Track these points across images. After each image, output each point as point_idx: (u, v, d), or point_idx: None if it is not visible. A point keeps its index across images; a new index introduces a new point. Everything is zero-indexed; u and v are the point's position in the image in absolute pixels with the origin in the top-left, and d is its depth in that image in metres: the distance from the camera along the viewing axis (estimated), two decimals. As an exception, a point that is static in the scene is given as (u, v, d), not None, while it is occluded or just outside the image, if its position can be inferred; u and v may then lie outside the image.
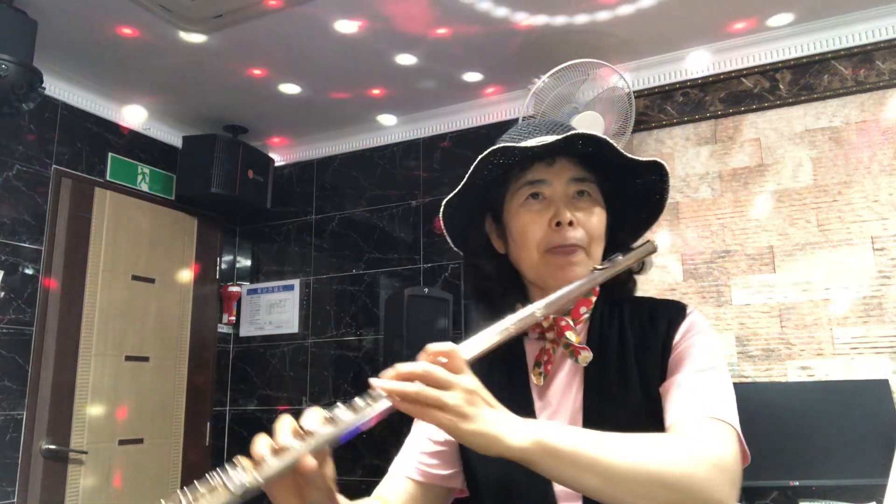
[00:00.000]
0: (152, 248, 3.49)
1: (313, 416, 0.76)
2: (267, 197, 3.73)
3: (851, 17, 2.70)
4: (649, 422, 0.91)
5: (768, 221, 2.77)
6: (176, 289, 3.60)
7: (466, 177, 1.00)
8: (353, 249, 3.67)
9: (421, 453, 1.04)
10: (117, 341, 3.26)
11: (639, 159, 0.99)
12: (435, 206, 3.25)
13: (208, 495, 0.71)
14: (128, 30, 2.73)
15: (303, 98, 3.35)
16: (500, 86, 3.26)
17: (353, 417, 0.76)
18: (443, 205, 1.02)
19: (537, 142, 0.98)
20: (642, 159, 0.99)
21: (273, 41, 2.81)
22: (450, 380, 0.77)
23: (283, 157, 3.95)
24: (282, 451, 0.74)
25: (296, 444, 0.74)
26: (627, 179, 1.04)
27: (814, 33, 2.77)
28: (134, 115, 3.47)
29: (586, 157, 1.02)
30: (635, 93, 2.87)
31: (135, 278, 3.38)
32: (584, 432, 0.81)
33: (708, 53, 2.93)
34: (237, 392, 3.80)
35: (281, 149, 3.94)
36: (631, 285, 1.08)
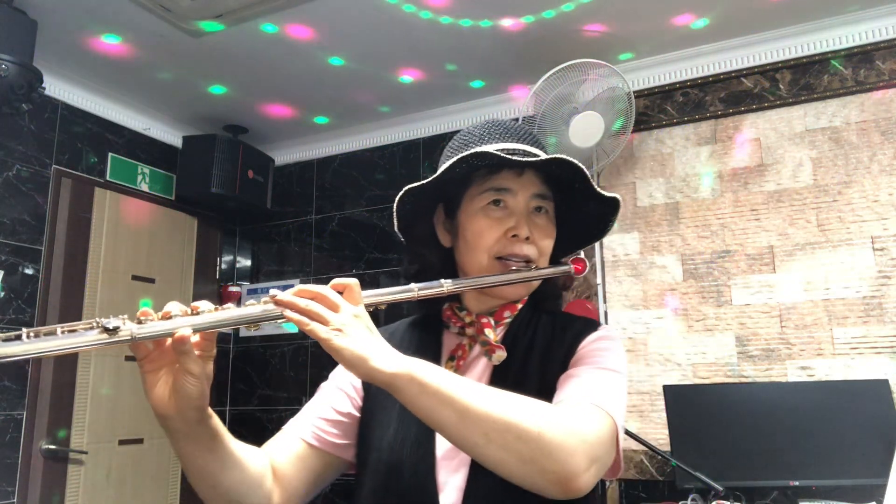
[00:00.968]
0: (152, 248, 3.49)
1: (205, 302, 0.82)
2: (267, 197, 3.73)
3: (851, 17, 2.70)
4: None
5: (768, 221, 2.77)
6: (176, 289, 3.60)
7: (441, 171, 1.00)
8: (353, 249, 3.67)
9: (320, 419, 1.05)
10: (117, 341, 3.25)
11: (604, 193, 1.03)
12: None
13: (84, 332, 0.73)
14: (128, 30, 2.73)
15: (303, 98, 3.35)
16: (500, 86, 3.26)
17: (239, 312, 0.81)
18: (403, 191, 1.02)
19: (510, 148, 1.02)
20: (606, 194, 1.04)
21: (273, 41, 2.81)
22: (339, 303, 0.81)
23: (283, 157, 3.95)
24: (166, 317, 0.78)
25: (181, 316, 0.78)
26: (581, 207, 1.08)
27: (814, 33, 2.77)
28: (134, 116, 3.47)
29: (550, 176, 1.05)
30: (635, 93, 2.86)
31: (135, 278, 3.38)
32: (456, 377, 0.83)
33: (708, 53, 2.93)
34: (237, 392, 3.80)
35: (281, 149, 3.94)
36: (559, 301, 1.14)
